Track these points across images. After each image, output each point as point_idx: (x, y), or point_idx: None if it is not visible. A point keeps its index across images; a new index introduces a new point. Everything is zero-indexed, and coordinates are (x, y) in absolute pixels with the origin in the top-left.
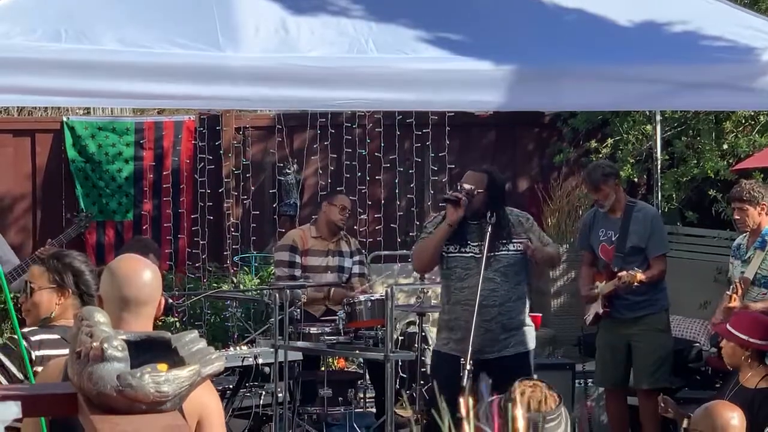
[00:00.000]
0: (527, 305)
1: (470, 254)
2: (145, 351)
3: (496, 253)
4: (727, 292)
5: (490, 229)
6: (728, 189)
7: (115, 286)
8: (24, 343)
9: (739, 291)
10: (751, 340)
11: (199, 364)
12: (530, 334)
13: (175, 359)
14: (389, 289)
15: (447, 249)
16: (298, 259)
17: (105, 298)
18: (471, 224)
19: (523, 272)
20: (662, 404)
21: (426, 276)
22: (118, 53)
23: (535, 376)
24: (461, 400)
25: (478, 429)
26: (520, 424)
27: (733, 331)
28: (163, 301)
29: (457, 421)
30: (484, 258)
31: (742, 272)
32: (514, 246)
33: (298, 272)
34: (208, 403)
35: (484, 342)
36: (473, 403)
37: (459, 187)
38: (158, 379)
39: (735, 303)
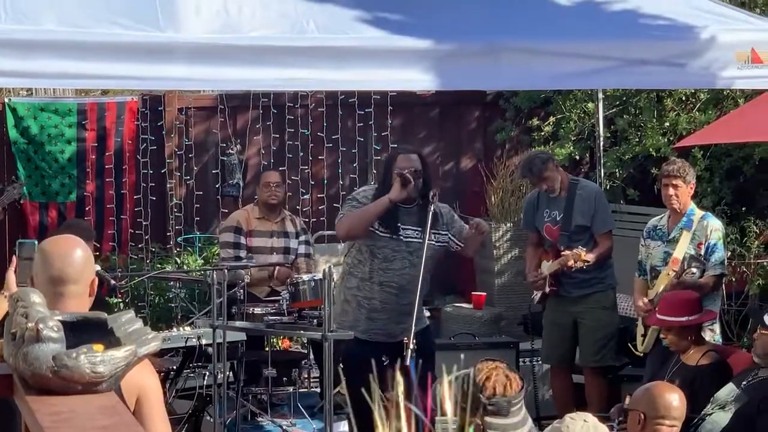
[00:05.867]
0: None
1: (402, 237)
2: (81, 332)
3: (427, 242)
4: (670, 273)
5: (432, 208)
6: None
7: (44, 265)
8: None
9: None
10: (690, 318)
11: (136, 345)
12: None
13: (111, 340)
14: (327, 269)
15: (379, 228)
16: (242, 240)
17: (36, 278)
18: (404, 208)
19: (432, 266)
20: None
21: None
22: (59, 33)
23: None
24: (396, 381)
25: (408, 409)
26: (448, 405)
27: (668, 318)
28: (96, 281)
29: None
30: (426, 240)
31: (667, 252)
32: (439, 238)
33: (243, 253)
34: (146, 382)
35: (395, 326)
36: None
37: (402, 170)
38: (94, 359)
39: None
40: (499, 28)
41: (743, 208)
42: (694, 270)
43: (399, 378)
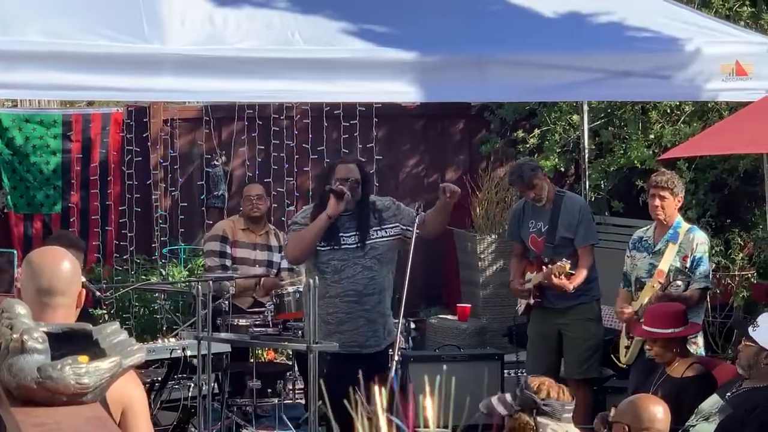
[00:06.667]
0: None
1: (345, 246)
2: (66, 343)
3: (373, 240)
4: (655, 286)
5: (417, 220)
6: None
7: (31, 276)
8: None
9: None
10: (676, 330)
11: (121, 356)
12: (392, 323)
13: (96, 351)
14: (312, 280)
15: (320, 243)
16: (228, 249)
17: (23, 289)
18: (344, 216)
19: (393, 261)
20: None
21: None
22: (44, 44)
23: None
24: (380, 393)
25: (390, 421)
26: (430, 413)
27: (654, 330)
28: (84, 293)
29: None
30: (413, 242)
31: (652, 264)
32: (386, 232)
33: (228, 262)
34: (132, 393)
35: (367, 334)
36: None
37: (339, 181)
38: (79, 371)
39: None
40: (485, 41)
41: (728, 221)
42: (678, 283)
43: (381, 391)
